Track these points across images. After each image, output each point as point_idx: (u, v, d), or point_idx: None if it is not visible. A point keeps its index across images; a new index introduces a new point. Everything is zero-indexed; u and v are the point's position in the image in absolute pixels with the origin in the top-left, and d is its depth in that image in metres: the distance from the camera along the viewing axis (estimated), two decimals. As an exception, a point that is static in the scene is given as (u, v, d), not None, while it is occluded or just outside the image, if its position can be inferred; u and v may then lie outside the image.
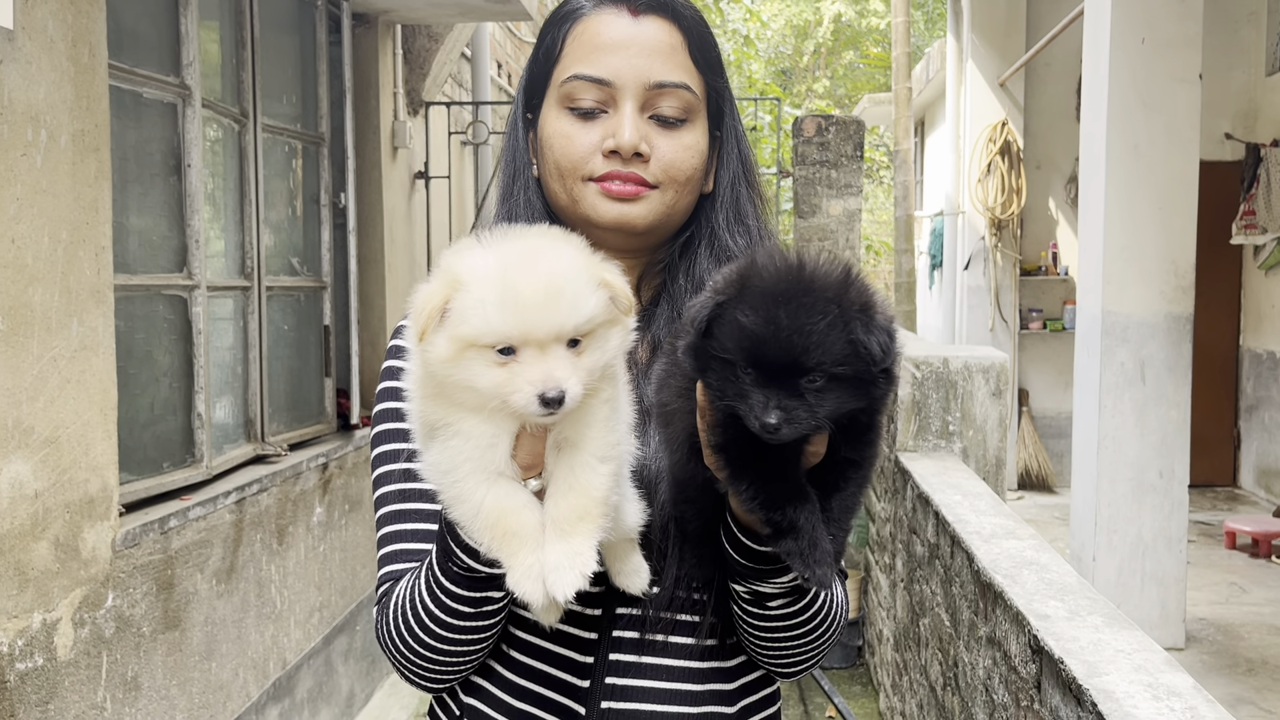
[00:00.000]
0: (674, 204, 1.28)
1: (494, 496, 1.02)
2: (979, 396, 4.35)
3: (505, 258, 0.99)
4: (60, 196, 2.68)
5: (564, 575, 1.00)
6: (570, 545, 1.01)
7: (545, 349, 0.98)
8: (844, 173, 5.37)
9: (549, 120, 1.28)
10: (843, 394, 0.97)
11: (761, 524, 1.04)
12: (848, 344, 0.95)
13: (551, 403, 0.97)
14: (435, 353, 0.99)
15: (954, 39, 9.88)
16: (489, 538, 1.03)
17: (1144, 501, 5.27)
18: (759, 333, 0.96)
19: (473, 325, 0.96)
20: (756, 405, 0.96)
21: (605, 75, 1.24)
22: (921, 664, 3.70)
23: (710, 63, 1.30)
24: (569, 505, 1.02)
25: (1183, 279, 5.25)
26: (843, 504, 1.07)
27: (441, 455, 1.04)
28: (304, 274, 4.58)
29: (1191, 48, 5.20)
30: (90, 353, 2.81)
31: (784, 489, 1.02)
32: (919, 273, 12.38)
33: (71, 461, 2.73)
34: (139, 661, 3.06)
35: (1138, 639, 2.12)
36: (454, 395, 1.01)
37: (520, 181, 1.34)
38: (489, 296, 0.96)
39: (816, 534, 1.02)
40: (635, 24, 1.26)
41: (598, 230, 1.27)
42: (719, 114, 1.34)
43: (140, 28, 3.38)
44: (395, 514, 1.27)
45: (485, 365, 0.98)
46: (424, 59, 5.72)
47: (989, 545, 2.87)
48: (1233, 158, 8.54)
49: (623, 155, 1.23)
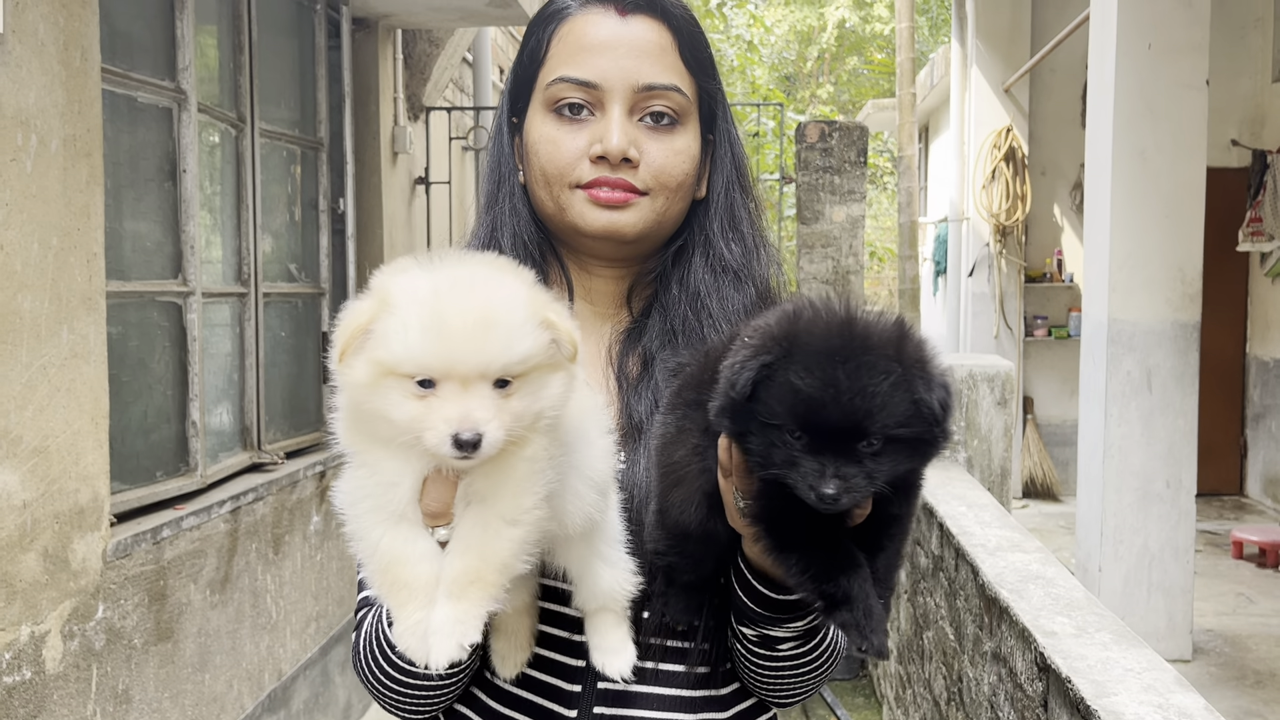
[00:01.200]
0: (665, 211, 1.23)
1: (390, 540, 0.95)
2: (984, 405, 4.30)
3: (439, 282, 0.92)
4: (51, 202, 2.64)
5: (443, 642, 0.93)
6: (456, 610, 0.94)
7: (468, 386, 0.90)
8: (847, 179, 5.33)
9: (534, 125, 1.23)
10: (900, 456, 0.90)
11: (813, 596, 0.97)
12: (911, 405, 0.88)
13: (465, 445, 0.89)
14: (352, 376, 0.92)
15: (958, 45, 9.84)
16: (379, 583, 0.96)
17: (1150, 511, 5.22)
18: (817, 396, 0.87)
19: (392, 350, 0.89)
20: (811, 474, 0.88)
21: (592, 77, 1.19)
22: (925, 677, 3.65)
23: (702, 64, 1.26)
24: (463, 566, 0.94)
25: (1189, 286, 5.20)
26: (888, 563, 1.00)
27: (349, 485, 0.97)
28: (302, 280, 4.55)
29: (1198, 53, 5.15)
30: (81, 361, 2.77)
31: (835, 559, 0.95)
32: (923, 279, 12.32)
33: (61, 471, 2.69)
34: (130, 674, 3.01)
35: (1147, 657, 2.07)
36: (368, 424, 0.94)
37: (505, 189, 1.29)
38: (414, 321, 0.89)
39: (870, 603, 0.95)
40: (623, 24, 1.21)
41: (586, 238, 1.22)
42: (711, 117, 1.29)
43: (135, 31, 3.34)
44: None
45: (402, 396, 0.90)
46: (425, 64, 5.69)
47: (994, 558, 2.82)
48: (1239, 164, 8.48)
49: (611, 161, 1.18)
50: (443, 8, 4.94)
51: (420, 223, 5.94)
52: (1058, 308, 9.47)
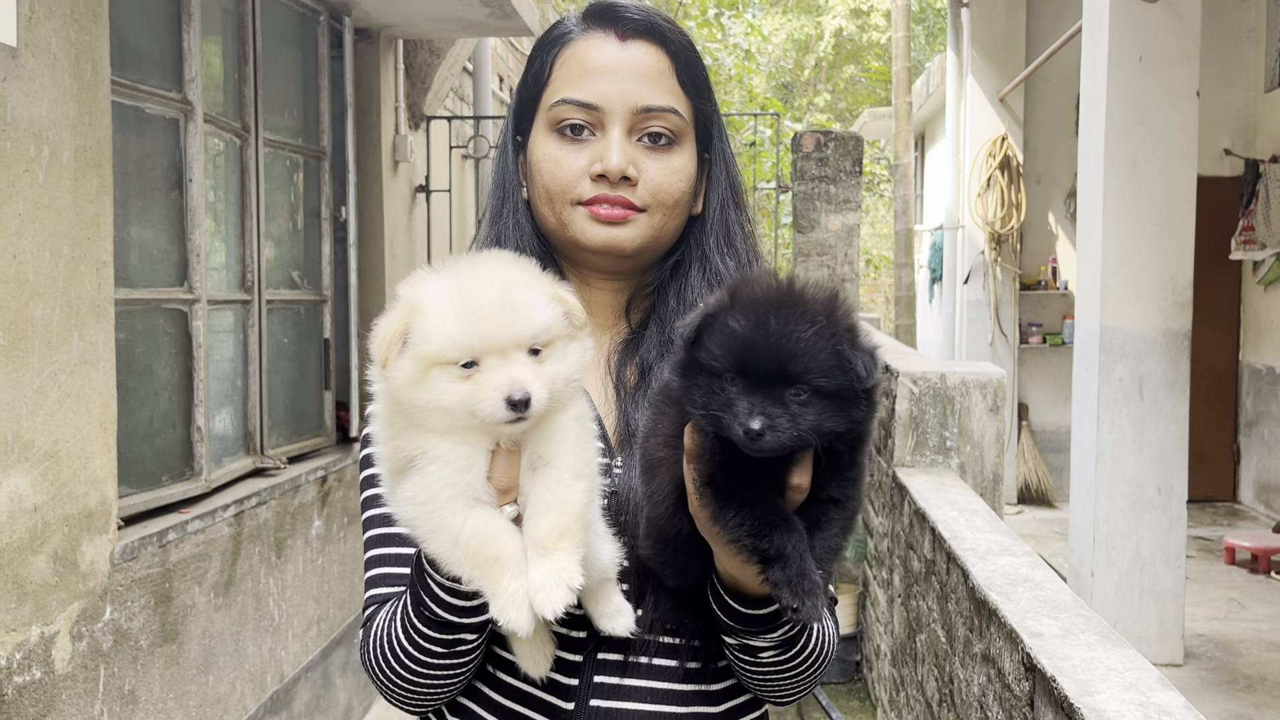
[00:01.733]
0: (662, 227, 1.28)
1: (473, 523, 1.02)
2: (976, 412, 4.36)
3: (460, 277, 1.02)
4: (62, 212, 2.70)
5: (551, 592, 1.00)
6: (554, 562, 1.01)
7: (506, 356, 1.00)
8: (843, 188, 5.39)
9: (538, 144, 1.29)
10: (825, 410, 0.98)
11: (748, 554, 1.02)
12: (834, 355, 0.97)
13: (519, 404, 0.98)
14: (400, 376, 1.01)
15: (954, 54, 9.91)
16: (470, 566, 1.02)
17: (1142, 517, 5.27)
18: (748, 337, 0.97)
19: (434, 342, 0.99)
20: (741, 412, 0.96)
21: (593, 99, 1.25)
22: (918, 680, 3.70)
23: (698, 86, 1.31)
24: (548, 523, 1.02)
25: (1180, 295, 5.26)
26: (826, 544, 1.05)
27: (417, 487, 1.03)
28: (304, 287, 4.60)
29: (1189, 65, 5.22)
30: (90, 367, 2.83)
31: (770, 518, 1.01)
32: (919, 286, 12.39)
33: (71, 475, 2.75)
34: (136, 675, 3.07)
35: (1130, 658, 2.12)
36: (423, 419, 1.02)
37: (510, 204, 1.35)
38: (449, 311, 0.99)
39: (805, 564, 1.00)
40: (623, 49, 1.27)
41: (587, 253, 1.28)
42: (707, 137, 1.34)
43: (143, 44, 3.40)
44: (383, 538, 1.27)
45: (449, 381, 0.99)
46: (425, 73, 5.75)
47: (984, 562, 2.88)
48: (1232, 173, 8.55)
49: (610, 179, 1.24)
50: (444, 18, 5.01)
51: (420, 230, 6.01)
52: (1052, 315, 9.54)
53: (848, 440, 1.03)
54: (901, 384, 4.43)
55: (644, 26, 1.28)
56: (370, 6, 4.80)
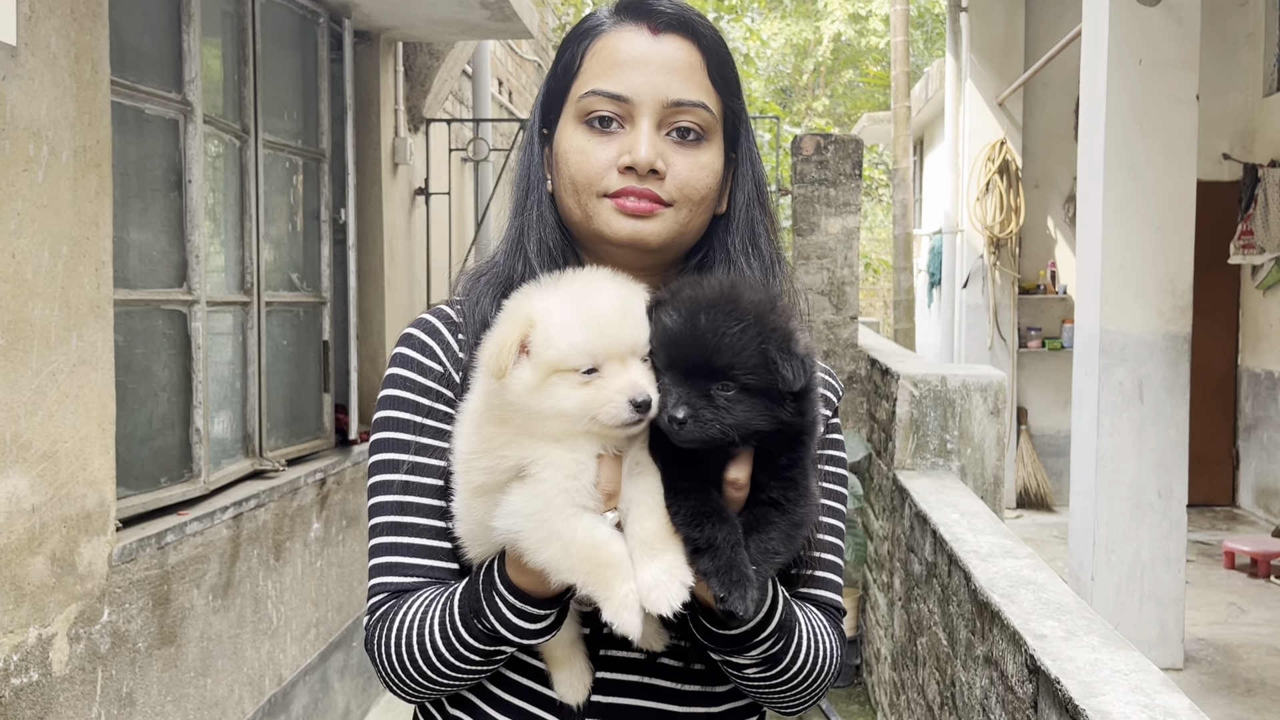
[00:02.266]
0: (688, 222, 1.27)
1: (584, 529, 1.05)
2: (977, 415, 4.35)
3: (575, 288, 1.10)
4: (61, 212, 2.69)
5: (667, 589, 1.02)
6: (664, 560, 1.04)
7: (625, 362, 1.06)
8: (842, 191, 5.39)
9: (565, 135, 1.28)
10: (751, 408, 1.02)
11: (681, 541, 1.06)
12: (759, 354, 1.02)
13: (642, 406, 1.04)
14: (520, 384, 1.05)
15: (953, 58, 9.92)
16: (584, 572, 1.05)
17: (1142, 521, 5.26)
18: (679, 332, 1.03)
19: (559, 348, 1.04)
20: (668, 401, 1.02)
21: (623, 91, 1.24)
22: (919, 683, 3.69)
23: (728, 83, 1.30)
24: (655, 524, 1.05)
25: (1180, 299, 5.26)
26: (762, 545, 1.07)
27: (527, 497, 1.06)
28: (303, 289, 4.59)
29: (1189, 69, 5.22)
30: (89, 367, 2.82)
31: (703, 507, 1.04)
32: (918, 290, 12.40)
33: (69, 476, 2.73)
34: (134, 677, 3.05)
35: (1134, 659, 2.11)
36: (540, 425, 1.06)
37: (534, 196, 1.34)
38: (572, 320, 1.05)
39: (735, 556, 1.03)
40: (655, 42, 1.25)
41: (610, 246, 1.26)
42: (735, 135, 1.33)
43: (143, 44, 3.40)
44: (392, 526, 1.26)
45: (570, 388, 1.05)
46: (425, 76, 5.75)
47: (986, 564, 2.87)
48: (1230, 178, 8.56)
49: (638, 171, 1.23)
50: (444, 21, 5.01)
51: (420, 233, 6.00)
52: (1051, 319, 9.54)
53: (778, 440, 1.06)
54: (902, 387, 4.42)
55: (677, 20, 1.26)
56: (370, 9, 4.79)
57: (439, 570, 1.24)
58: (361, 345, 5.06)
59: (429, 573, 1.24)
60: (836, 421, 1.40)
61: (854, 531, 5.00)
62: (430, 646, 1.17)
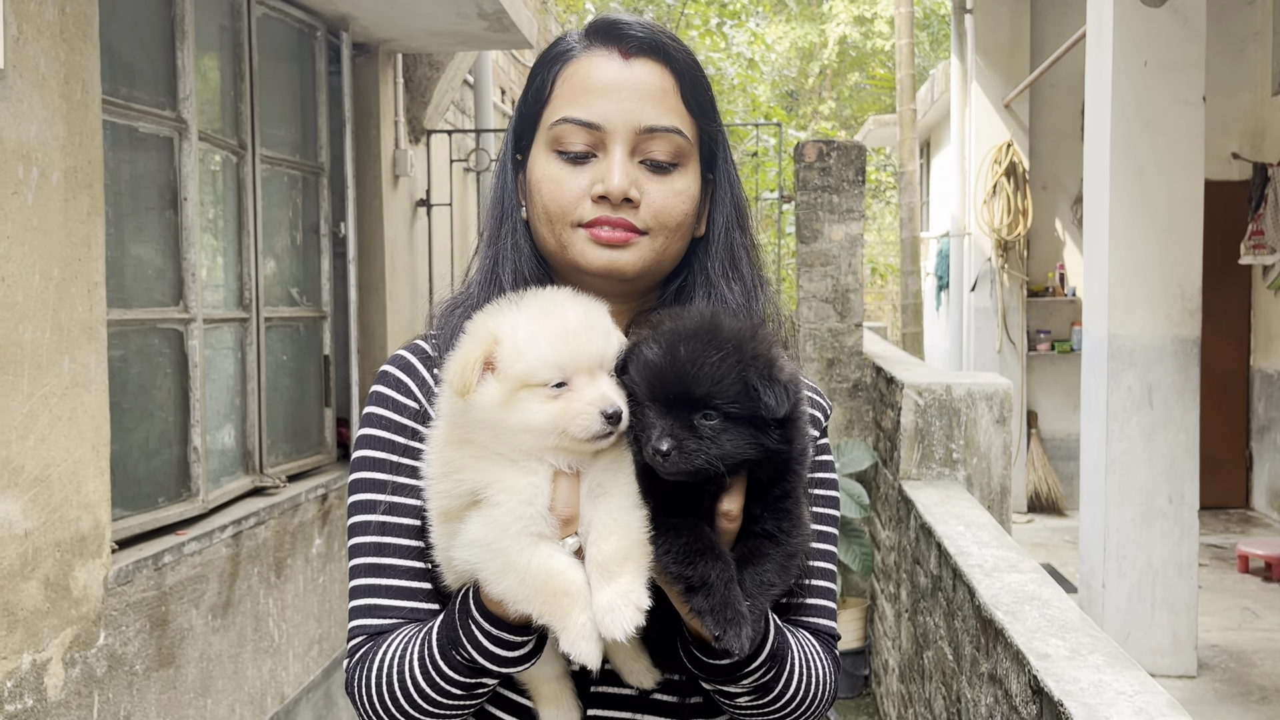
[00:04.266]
0: (664, 250, 1.25)
1: (539, 559, 1.04)
2: (983, 424, 4.31)
3: (541, 303, 1.10)
4: (52, 234, 2.68)
5: (620, 614, 1.01)
6: (620, 584, 1.02)
7: (593, 376, 1.06)
8: (846, 198, 5.35)
9: (538, 164, 1.26)
10: (736, 437, 1.01)
11: (673, 580, 1.04)
12: (740, 382, 1.01)
13: (613, 418, 1.03)
14: (486, 400, 1.05)
15: (958, 61, 9.87)
16: (539, 602, 1.04)
17: (1153, 527, 5.21)
18: (659, 364, 1.03)
19: (527, 361, 1.04)
20: (652, 434, 1.01)
21: (595, 119, 1.21)
22: (926, 697, 3.65)
23: (703, 106, 1.28)
24: (612, 547, 1.04)
25: (1189, 302, 5.20)
26: (756, 579, 1.06)
27: (483, 527, 1.05)
28: (303, 304, 4.58)
29: (1194, 70, 5.17)
30: (82, 390, 2.80)
31: (696, 544, 1.03)
32: (925, 294, 12.33)
33: (62, 500, 2.71)
34: (131, 700, 3.03)
35: (1140, 680, 2.07)
36: (508, 441, 1.05)
37: (508, 225, 1.32)
38: (539, 333, 1.05)
39: (729, 593, 1.02)
40: (626, 67, 1.23)
41: (586, 276, 1.24)
42: (712, 157, 1.31)
43: (136, 62, 3.38)
44: (370, 567, 1.24)
45: (539, 401, 1.04)
46: (425, 87, 5.73)
47: (990, 579, 2.83)
48: (1240, 177, 8.49)
49: (612, 201, 1.21)
50: (442, 32, 4.99)
51: (421, 245, 5.98)
52: (1060, 322, 9.47)
53: (768, 470, 1.05)
54: (906, 396, 4.38)
55: (648, 44, 1.24)
56: (368, 21, 4.78)
57: (418, 611, 1.22)
58: (363, 359, 5.03)
59: (407, 614, 1.22)
60: (825, 442, 1.37)
61: (861, 541, 4.96)
62: (411, 683, 1.15)
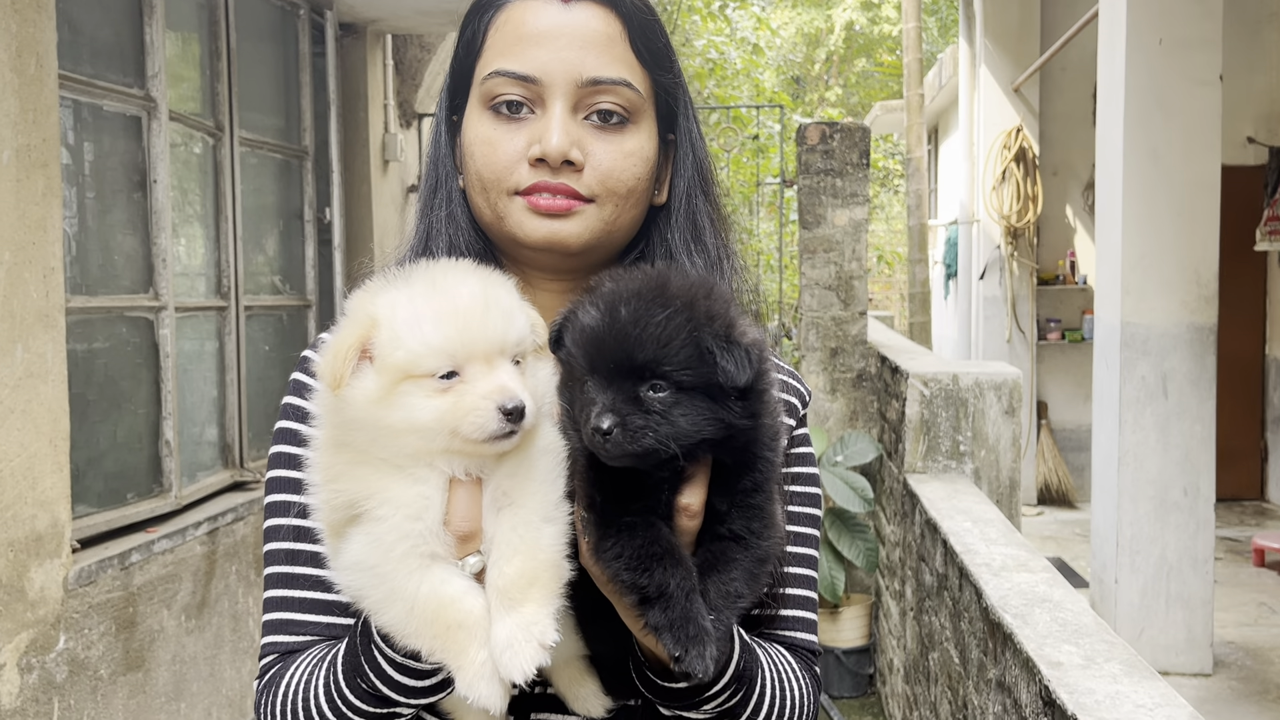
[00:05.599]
0: (614, 219, 1.10)
1: (429, 585, 0.88)
2: (991, 415, 4.14)
3: (428, 280, 0.90)
4: (3, 216, 2.53)
5: (520, 651, 0.85)
6: (522, 615, 0.86)
7: (491, 364, 0.88)
8: (849, 181, 5.18)
9: (471, 124, 1.11)
10: (690, 410, 0.84)
11: (625, 590, 0.87)
12: (691, 344, 0.84)
13: (513, 414, 0.86)
14: (361, 395, 0.87)
15: (966, 44, 9.69)
16: (429, 636, 0.88)
17: (1168, 521, 5.05)
18: (597, 329, 0.86)
19: (409, 349, 0.86)
20: (592, 411, 0.83)
21: (530, 71, 1.07)
22: (931, 700, 3.50)
23: (656, 55, 1.12)
24: (515, 569, 0.87)
25: (1205, 288, 5.04)
26: (721, 588, 0.89)
27: (365, 546, 0.88)
28: (287, 292, 4.43)
29: (1211, 48, 5.00)
30: (38, 380, 2.65)
31: (653, 548, 0.86)
32: (934, 283, 12.15)
33: (16, 497, 2.57)
34: (96, 706, 2.89)
35: (1160, 692, 1.91)
36: (389, 444, 0.88)
37: (442, 194, 1.18)
38: (424, 315, 0.87)
39: (691, 606, 0.85)
40: (565, 11, 1.08)
41: (526, 250, 1.10)
42: (670, 115, 1.16)
43: (101, 37, 3.23)
44: (281, 577, 1.10)
45: (425, 396, 0.87)
46: (416, 69, 5.58)
47: (998, 579, 2.67)
48: (1256, 162, 8.31)
49: (551, 164, 1.06)
50: (431, 11, 4.83)
51: (414, 231, 5.83)
52: (1071, 310, 9.30)
53: (732, 452, 0.88)
54: (911, 386, 4.22)
55: None
56: (353, 0, 4.62)
57: (335, 627, 1.08)
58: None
59: (322, 629, 1.08)
60: (804, 432, 1.21)
61: (865, 536, 4.80)
62: (317, 713, 1.00)
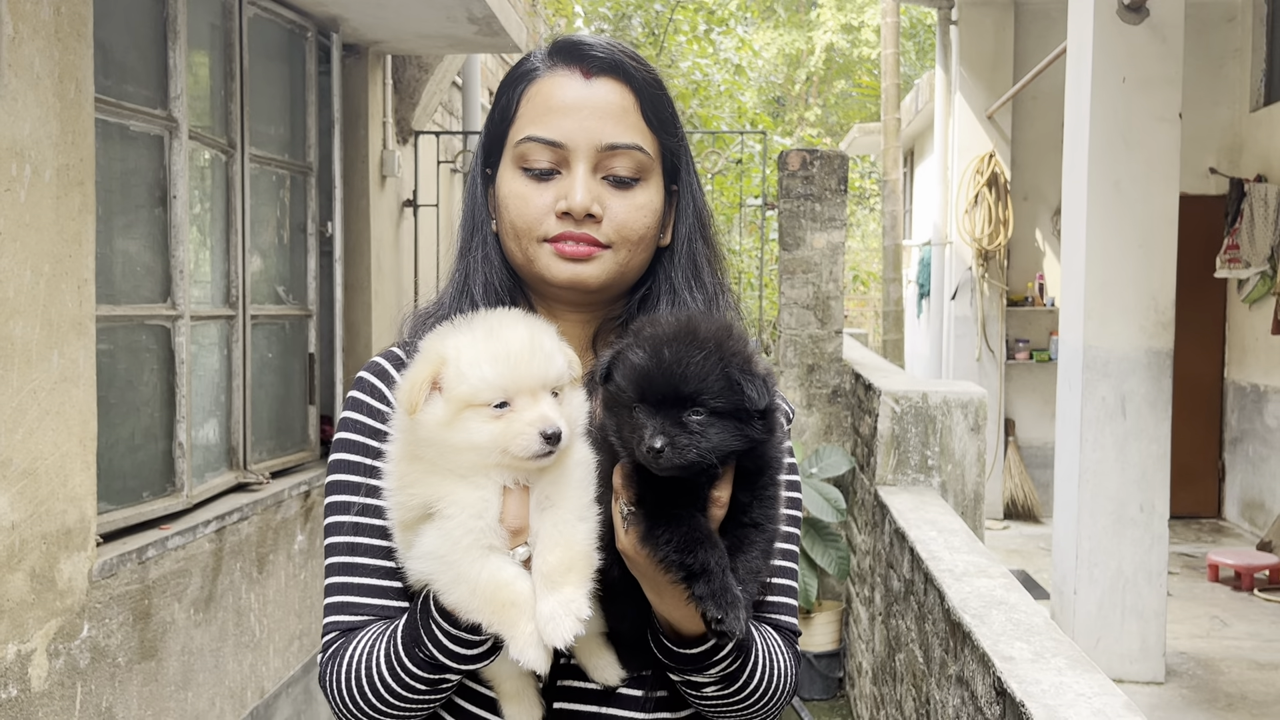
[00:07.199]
0: (627, 262, 1.31)
1: (489, 570, 1.10)
2: (958, 431, 4.38)
3: (486, 327, 1.14)
4: (44, 230, 2.71)
5: (560, 623, 1.07)
6: (562, 594, 1.08)
7: (535, 396, 1.11)
8: (828, 206, 5.42)
9: (505, 180, 1.32)
10: (723, 430, 1.07)
11: (675, 569, 1.09)
12: (723, 378, 1.07)
13: (552, 438, 1.08)
14: (432, 419, 1.10)
15: (942, 71, 9.96)
16: (489, 612, 1.10)
17: (1124, 535, 5.29)
18: (646, 367, 1.08)
19: (470, 383, 1.09)
20: (645, 434, 1.06)
21: (558, 137, 1.28)
22: (897, 699, 3.72)
23: (663, 121, 1.34)
24: (556, 558, 1.10)
25: (1163, 315, 5.29)
26: (746, 565, 1.13)
27: (437, 539, 1.11)
28: (289, 302, 4.61)
29: (1172, 87, 5.26)
30: (70, 384, 2.83)
31: (695, 534, 1.09)
32: (907, 302, 12.43)
33: (49, 493, 2.75)
34: (114, 692, 3.07)
35: (1098, 682, 2.14)
36: (453, 458, 1.10)
37: (479, 238, 1.38)
38: (484, 356, 1.10)
39: (727, 579, 1.08)
40: (587, 86, 1.29)
41: (553, 288, 1.31)
42: (674, 170, 1.37)
43: (128, 61, 3.42)
44: (344, 566, 1.29)
45: (481, 421, 1.09)
46: (414, 88, 5.77)
47: (960, 584, 2.90)
48: (1217, 192, 8.60)
49: (575, 216, 1.27)
50: (432, 35, 5.03)
51: (408, 245, 6.02)
52: (1039, 331, 9.58)
53: (753, 459, 1.12)
54: (883, 403, 4.45)
55: (608, 64, 1.30)
56: (358, 23, 4.82)
57: (389, 609, 1.27)
58: (348, 357, 5.07)
59: (379, 611, 1.27)
60: (788, 444, 1.44)
61: (837, 545, 5.03)
62: (378, 678, 1.20)
